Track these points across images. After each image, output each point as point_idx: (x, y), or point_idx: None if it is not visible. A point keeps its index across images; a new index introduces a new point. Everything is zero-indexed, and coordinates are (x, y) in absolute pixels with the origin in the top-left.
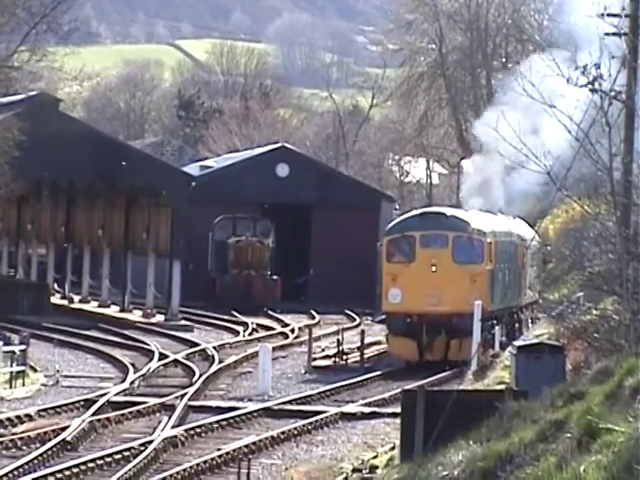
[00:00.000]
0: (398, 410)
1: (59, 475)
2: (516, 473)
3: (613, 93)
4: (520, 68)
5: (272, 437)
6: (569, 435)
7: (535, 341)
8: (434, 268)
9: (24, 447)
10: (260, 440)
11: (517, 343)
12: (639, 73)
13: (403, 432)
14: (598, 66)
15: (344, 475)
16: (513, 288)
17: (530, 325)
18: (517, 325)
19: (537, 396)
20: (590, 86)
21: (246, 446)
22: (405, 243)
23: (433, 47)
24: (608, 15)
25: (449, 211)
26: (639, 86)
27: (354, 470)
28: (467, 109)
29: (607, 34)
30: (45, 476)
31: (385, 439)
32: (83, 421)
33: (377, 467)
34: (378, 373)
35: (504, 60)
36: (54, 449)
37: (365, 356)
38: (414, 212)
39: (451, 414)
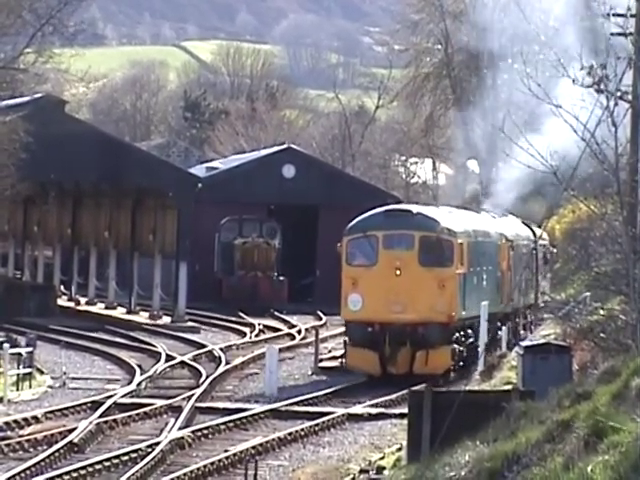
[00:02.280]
0: (405, 411)
1: (66, 477)
2: (523, 473)
3: (619, 93)
4: (526, 69)
5: (279, 438)
6: (576, 435)
7: (542, 341)
8: (398, 272)
9: (31, 449)
10: (267, 441)
11: (524, 343)
12: None
13: (410, 433)
14: (604, 66)
15: (351, 476)
16: (492, 293)
17: (523, 332)
18: (497, 334)
19: (544, 396)
20: (596, 86)
21: (253, 447)
22: (367, 244)
23: (439, 47)
24: (614, 15)
25: (416, 208)
26: None
27: (361, 471)
28: (473, 109)
29: (613, 34)
30: (52, 478)
31: (392, 440)
32: (90, 423)
33: (384, 468)
34: None
35: (510, 60)
36: (61, 451)
37: None
38: (378, 209)
39: (458, 415)
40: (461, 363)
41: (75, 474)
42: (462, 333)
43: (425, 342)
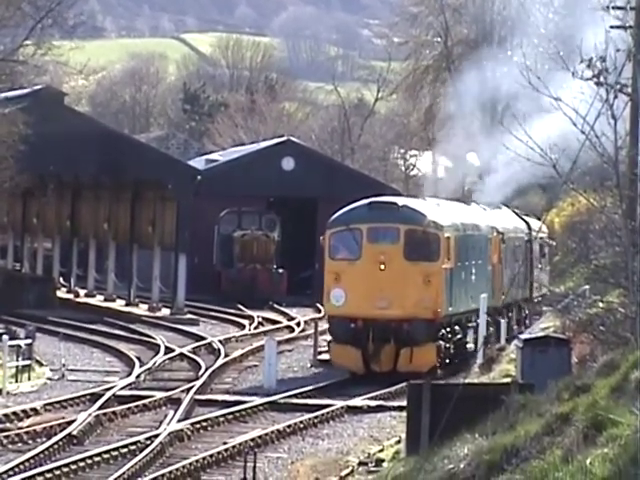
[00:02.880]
0: (404, 403)
1: (65, 469)
2: (522, 466)
3: (618, 86)
4: (526, 61)
5: (278, 431)
6: (575, 428)
7: (541, 334)
8: (383, 266)
9: (30, 441)
10: (266, 434)
11: (523, 336)
12: None
13: (409, 425)
14: (603, 59)
15: (350, 469)
16: (482, 288)
17: (516, 326)
18: (488, 329)
19: (543, 389)
20: (595, 79)
21: (252, 440)
22: (350, 237)
23: (438, 40)
24: (613, 8)
25: (401, 201)
26: None
27: (360, 464)
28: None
29: (612, 27)
30: (51, 470)
31: (391, 432)
32: (89, 415)
33: (383, 460)
34: None
35: (509, 53)
36: (60, 443)
37: None
38: (362, 201)
39: (457, 407)
40: (447, 361)
41: (74, 466)
42: (448, 330)
43: (410, 339)
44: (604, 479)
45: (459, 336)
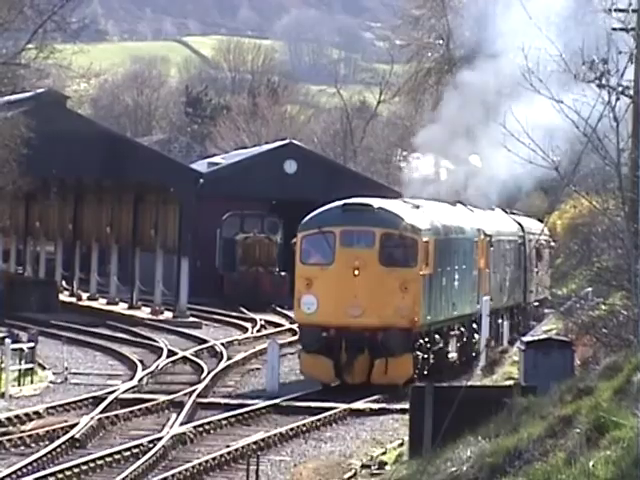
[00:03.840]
0: (407, 406)
1: (68, 473)
2: (525, 469)
3: (621, 88)
4: (528, 64)
5: (281, 434)
6: (578, 430)
7: (544, 337)
8: (357, 272)
9: (33, 444)
10: (269, 437)
11: (525, 339)
12: None
13: (412, 428)
14: (605, 61)
15: (353, 471)
16: (466, 294)
17: (508, 334)
18: (473, 337)
19: (545, 392)
20: (598, 81)
21: (255, 443)
22: (323, 241)
23: (440, 43)
24: (615, 10)
25: (377, 202)
26: None
27: (363, 466)
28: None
29: (614, 29)
30: (54, 474)
31: (394, 435)
32: (92, 418)
33: (386, 463)
34: None
35: (511, 56)
36: (63, 446)
37: None
38: (335, 203)
39: (460, 410)
40: (425, 372)
41: (77, 469)
42: (427, 339)
43: (385, 349)
44: None
45: (440, 346)
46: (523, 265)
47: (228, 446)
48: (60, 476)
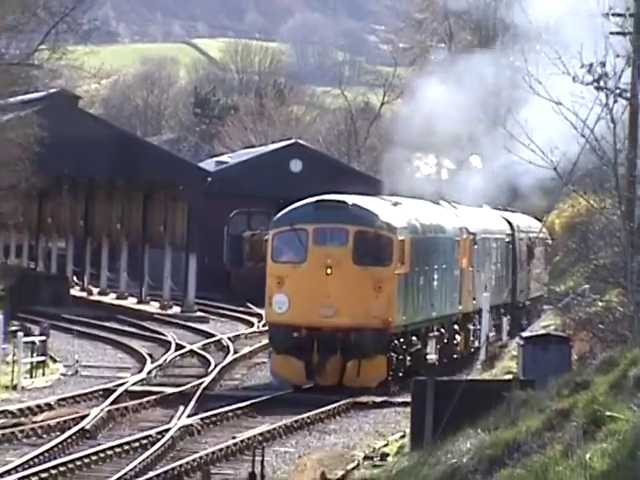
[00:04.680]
0: (408, 399)
1: (78, 463)
2: (523, 461)
3: (618, 91)
4: (527, 67)
5: (286, 426)
6: (575, 424)
7: (542, 332)
8: (329, 271)
9: (44, 435)
10: (274, 429)
11: (524, 334)
12: None
13: (413, 421)
14: (603, 64)
15: (356, 463)
16: (446, 294)
17: (493, 334)
18: (454, 338)
19: (543, 385)
20: (596, 84)
21: (260, 434)
22: (295, 238)
23: (442, 46)
24: (613, 15)
25: (351, 199)
26: None
27: (365, 458)
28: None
29: (612, 33)
30: (64, 464)
31: (396, 427)
32: (102, 410)
33: (388, 455)
34: None
35: (512, 59)
36: (73, 437)
37: None
38: (308, 199)
39: (460, 403)
40: (400, 374)
41: (87, 460)
42: (402, 340)
43: (358, 350)
44: (603, 473)
45: (417, 347)
46: (512, 264)
47: (234, 437)
48: (71, 466)
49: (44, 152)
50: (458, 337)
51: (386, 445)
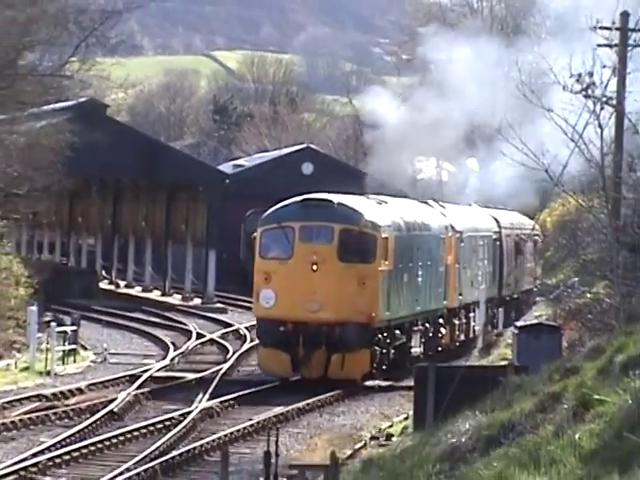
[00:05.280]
0: (412, 384)
1: (107, 443)
2: (518, 440)
3: (605, 99)
4: (522, 76)
5: (298, 408)
6: (565, 406)
7: (534, 322)
8: (315, 267)
9: (75, 417)
10: (287, 411)
11: (518, 323)
12: (628, 81)
13: (416, 404)
14: (591, 74)
15: (363, 442)
16: (431, 290)
17: (478, 327)
18: (439, 332)
19: (536, 371)
20: (584, 92)
21: (275, 416)
22: (282, 235)
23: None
24: (600, 28)
25: (337, 198)
26: (627, 92)
27: (372, 438)
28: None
29: (599, 45)
30: (94, 443)
31: (400, 410)
32: (128, 394)
33: (392, 435)
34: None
35: (506, 68)
36: (102, 419)
37: None
38: (295, 198)
39: (459, 387)
40: (384, 367)
41: (115, 440)
42: (386, 335)
43: (342, 344)
44: (591, 452)
45: (402, 341)
46: (499, 260)
47: (251, 419)
48: (100, 446)
49: (75, 156)
50: (443, 331)
51: (391, 426)
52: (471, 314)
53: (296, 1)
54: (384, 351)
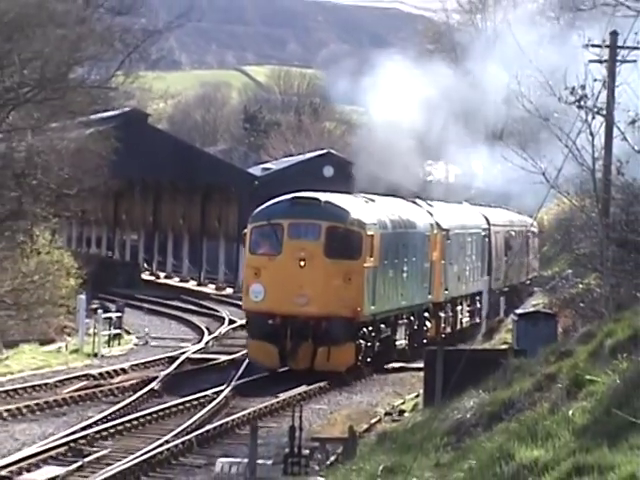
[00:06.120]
0: (422, 365)
1: (148, 417)
2: (517, 416)
3: (596, 109)
4: (521, 89)
5: (320, 387)
6: (560, 385)
7: (532, 310)
8: (303, 263)
9: (120, 395)
10: (310, 389)
11: (518, 311)
12: (616, 93)
13: (426, 383)
14: (583, 87)
15: (378, 417)
16: (416, 285)
17: (467, 319)
18: (424, 325)
19: (534, 354)
20: (577, 103)
21: (299, 394)
22: (271, 232)
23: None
24: (592, 46)
25: (324, 197)
26: (616, 103)
27: (386, 413)
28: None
29: (591, 61)
30: (137, 418)
31: (411, 389)
32: (167, 374)
33: (405, 411)
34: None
35: (506, 81)
36: (144, 396)
37: None
38: (284, 196)
39: (464, 369)
40: (369, 359)
41: (155, 415)
42: (371, 328)
43: (328, 337)
44: (583, 427)
45: (387, 334)
46: (488, 256)
47: (277, 397)
48: (142, 420)
49: (119, 160)
50: (429, 324)
51: (403, 403)
52: (458, 307)
53: (319, 21)
54: (369, 344)
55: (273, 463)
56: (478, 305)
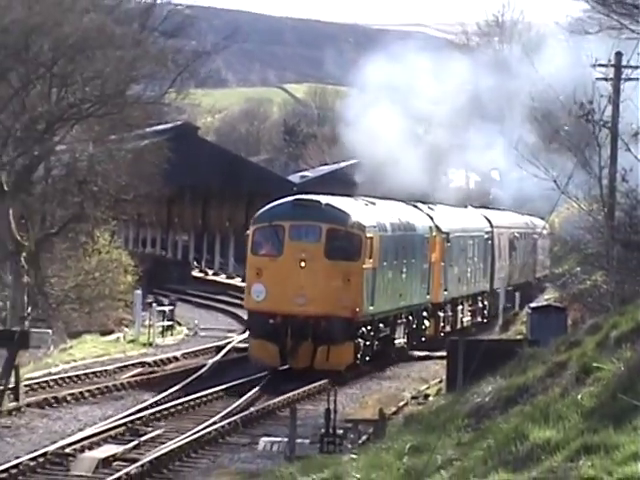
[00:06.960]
0: (445, 354)
1: (198, 401)
2: (531, 400)
3: (602, 122)
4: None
5: (352, 373)
6: (570, 372)
7: (544, 304)
8: (303, 264)
9: (172, 380)
10: (344, 375)
11: (532, 305)
12: (621, 108)
13: (448, 370)
14: (591, 102)
15: (405, 401)
16: (415, 286)
17: (467, 318)
18: (423, 324)
19: (546, 344)
20: (585, 117)
21: (334, 380)
22: (273, 234)
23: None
24: (599, 65)
25: (325, 199)
26: (620, 117)
27: (412, 397)
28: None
29: (598, 79)
30: (188, 401)
31: (435, 375)
32: (215, 362)
33: (429, 395)
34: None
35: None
36: (194, 382)
37: None
38: (286, 199)
39: (483, 357)
40: (367, 358)
41: (204, 398)
42: (370, 328)
43: (327, 337)
44: (591, 409)
45: (386, 333)
46: (490, 257)
47: (314, 382)
48: (192, 403)
49: (171, 169)
50: (427, 323)
51: (428, 388)
52: (459, 307)
53: (351, 43)
54: (367, 343)
55: (310, 442)
56: (480, 305)
